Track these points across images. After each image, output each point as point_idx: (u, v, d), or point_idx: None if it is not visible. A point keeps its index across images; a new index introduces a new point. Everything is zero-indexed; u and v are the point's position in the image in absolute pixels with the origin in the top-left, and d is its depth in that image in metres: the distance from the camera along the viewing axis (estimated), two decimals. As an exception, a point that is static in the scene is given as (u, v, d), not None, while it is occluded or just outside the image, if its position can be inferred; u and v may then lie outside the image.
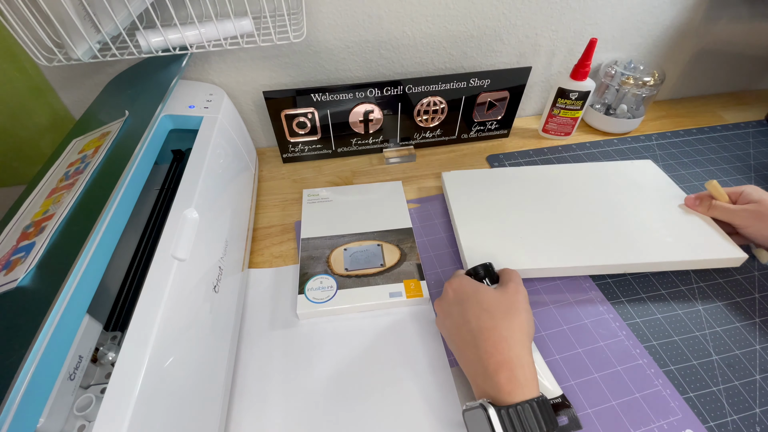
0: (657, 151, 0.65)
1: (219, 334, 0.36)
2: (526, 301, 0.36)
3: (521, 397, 0.30)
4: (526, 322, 0.34)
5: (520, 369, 0.31)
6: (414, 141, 0.65)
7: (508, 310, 0.34)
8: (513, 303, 0.35)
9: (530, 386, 0.30)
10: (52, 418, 0.25)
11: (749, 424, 0.35)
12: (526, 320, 0.34)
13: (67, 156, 0.40)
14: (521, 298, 0.36)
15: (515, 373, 0.31)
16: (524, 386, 0.30)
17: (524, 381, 0.30)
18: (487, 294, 0.36)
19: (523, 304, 0.35)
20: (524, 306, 0.35)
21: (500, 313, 0.34)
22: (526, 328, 0.34)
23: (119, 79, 0.52)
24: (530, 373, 0.31)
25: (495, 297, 0.36)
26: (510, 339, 0.32)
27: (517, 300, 0.35)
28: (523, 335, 0.33)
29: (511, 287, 0.37)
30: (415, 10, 0.56)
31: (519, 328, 0.33)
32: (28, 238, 0.30)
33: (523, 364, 0.31)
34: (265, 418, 0.36)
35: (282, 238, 0.52)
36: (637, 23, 0.64)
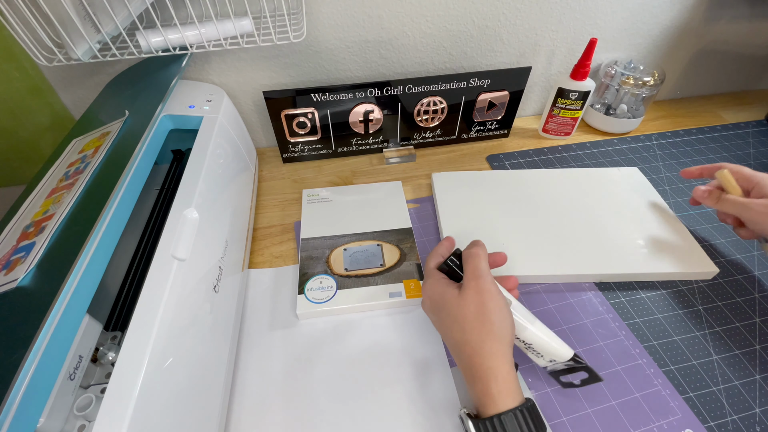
0: (657, 151, 0.65)
1: (219, 334, 0.36)
2: (494, 298, 0.33)
3: (497, 409, 0.29)
4: (497, 326, 0.32)
5: (493, 381, 0.30)
6: (414, 141, 0.65)
7: (476, 317, 0.32)
8: (479, 308, 0.32)
9: (508, 396, 0.30)
10: (52, 418, 0.25)
11: (749, 424, 0.35)
12: (497, 323, 0.32)
13: (67, 156, 0.40)
14: (487, 298, 0.32)
15: (489, 386, 0.30)
16: (497, 398, 0.29)
17: (497, 393, 0.30)
18: (452, 302, 0.34)
19: (490, 304, 0.32)
20: (493, 305, 0.32)
21: (468, 323, 0.32)
22: (497, 333, 0.31)
23: (119, 79, 0.52)
24: (506, 384, 0.30)
25: (460, 304, 0.33)
26: (481, 351, 0.31)
27: (481, 303, 0.32)
28: (495, 342, 0.31)
29: (471, 288, 0.33)
30: (415, 10, 0.56)
31: (490, 336, 0.31)
32: (28, 237, 0.30)
33: (497, 375, 0.30)
34: (265, 418, 0.36)
35: (282, 238, 0.52)
36: (637, 23, 0.64)
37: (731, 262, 0.48)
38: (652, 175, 0.60)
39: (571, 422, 0.35)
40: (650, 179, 0.58)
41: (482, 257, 0.35)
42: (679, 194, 0.57)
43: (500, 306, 0.33)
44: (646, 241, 0.48)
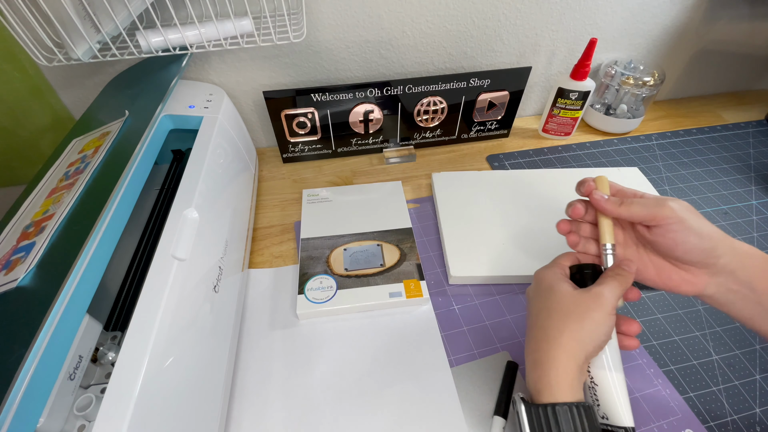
0: (657, 151, 0.65)
1: (219, 334, 0.36)
2: (602, 311, 0.30)
3: (553, 398, 0.28)
4: (586, 335, 0.29)
5: (554, 371, 0.29)
6: (414, 141, 0.65)
7: (570, 313, 0.30)
8: (583, 313, 0.30)
9: (566, 390, 0.28)
10: (52, 417, 0.25)
11: (749, 424, 0.35)
12: (587, 332, 0.29)
13: (67, 156, 0.40)
14: (598, 311, 0.30)
15: (548, 373, 0.29)
16: (554, 387, 0.28)
17: (555, 383, 0.28)
18: (560, 293, 0.32)
19: (594, 313, 0.30)
20: (595, 316, 0.30)
21: (559, 314, 0.31)
22: (581, 338, 0.29)
23: (119, 79, 0.52)
24: (566, 378, 0.29)
25: (566, 297, 0.31)
26: (556, 341, 0.30)
27: (589, 307, 0.30)
28: (574, 342, 0.29)
29: (593, 292, 0.31)
30: (415, 10, 0.56)
31: (572, 336, 0.29)
32: (28, 237, 0.30)
33: (558, 366, 0.29)
34: (265, 418, 0.36)
35: (282, 238, 0.52)
36: (637, 23, 0.64)
37: (731, 262, 0.48)
38: (652, 175, 0.60)
39: (571, 422, 0.35)
40: (650, 179, 0.58)
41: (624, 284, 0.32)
42: (679, 194, 0.57)
43: (604, 323, 0.30)
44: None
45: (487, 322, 0.43)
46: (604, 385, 0.31)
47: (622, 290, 0.31)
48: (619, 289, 0.31)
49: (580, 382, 0.29)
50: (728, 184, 0.59)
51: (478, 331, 0.42)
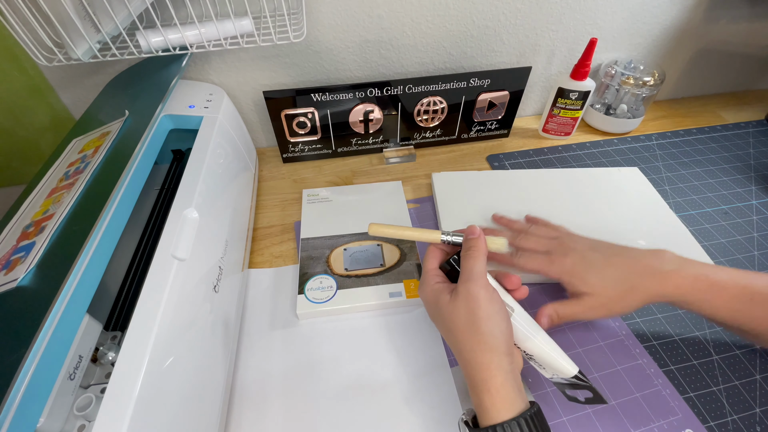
0: (657, 151, 0.65)
1: (219, 334, 0.36)
2: (484, 305, 0.30)
3: (491, 420, 0.28)
4: (488, 336, 0.30)
5: (486, 394, 0.29)
6: (414, 141, 0.65)
7: (466, 326, 0.30)
8: (469, 316, 0.30)
9: (502, 408, 0.28)
10: (52, 417, 0.25)
11: (749, 424, 0.35)
12: (488, 333, 0.30)
13: (67, 156, 0.40)
14: (476, 305, 0.30)
15: (481, 398, 0.29)
16: (491, 410, 0.28)
17: (490, 406, 0.28)
18: (444, 309, 0.32)
19: (480, 312, 0.30)
20: (483, 313, 0.30)
21: (460, 333, 0.31)
22: (489, 342, 0.29)
23: (119, 79, 0.52)
24: (500, 395, 0.28)
25: (451, 311, 0.31)
26: (473, 362, 0.30)
27: (471, 310, 0.30)
28: (487, 353, 0.29)
29: (461, 293, 0.31)
30: (415, 10, 0.56)
31: (481, 347, 0.30)
32: (28, 237, 0.30)
33: (489, 387, 0.29)
34: (265, 418, 0.36)
35: (282, 238, 0.52)
36: (637, 23, 0.64)
37: (731, 262, 0.48)
38: (652, 175, 0.60)
39: (572, 422, 0.35)
40: (650, 179, 0.58)
41: (479, 256, 0.33)
42: (679, 194, 0.57)
43: (491, 313, 0.30)
44: (646, 241, 0.48)
45: (487, 322, 0.43)
46: (536, 352, 0.33)
47: (480, 263, 0.32)
48: (477, 265, 0.32)
49: (515, 390, 0.29)
50: (728, 184, 0.59)
51: (478, 331, 0.42)
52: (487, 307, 0.30)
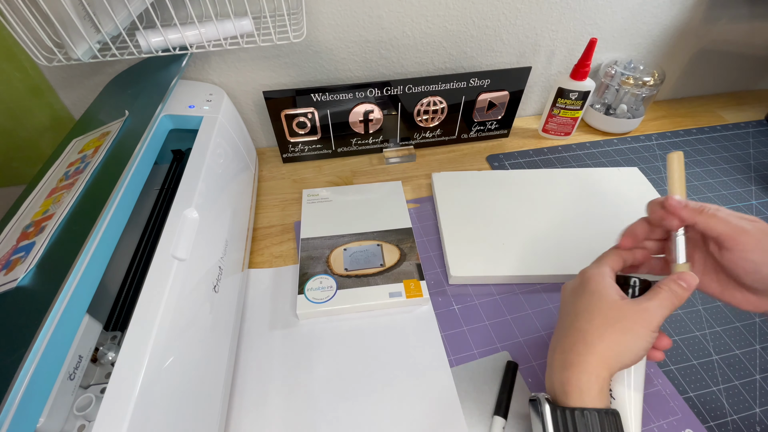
0: (657, 151, 0.65)
1: (219, 334, 0.36)
2: (648, 327, 0.29)
3: (582, 401, 0.27)
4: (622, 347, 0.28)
5: (585, 374, 0.28)
6: (414, 141, 0.65)
7: (614, 321, 0.29)
8: (627, 320, 0.29)
9: (594, 394, 0.27)
10: (52, 417, 0.25)
11: (749, 424, 0.35)
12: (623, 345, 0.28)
13: (67, 156, 0.40)
14: (643, 321, 0.29)
15: (580, 377, 0.28)
16: (584, 391, 0.27)
17: (587, 388, 0.28)
18: (606, 299, 0.30)
19: (639, 328, 0.29)
20: (639, 331, 0.29)
21: (601, 320, 0.29)
22: (615, 349, 0.28)
23: (119, 79, 0.52)
24: (597, 382, 0.28)
25: (612, 304, 0.30)
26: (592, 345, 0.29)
27: (635, 321, 0.29)
28: (609, 352, 0.28)
29: (643, 306, 0.29)
30: (415, 10, 0.56)
31: (610, 345, 0.28)
32: (28, 237, 0.30)
33: (590, 371, 0.28)
34: (265, 418, 0.36)
35: (282, 238, 0.52)
36: (637, 23, 0.64)
37: (731, 262, 0.48)
38: (652, 175, 0.60)
39: (571, 422, 0.35)
40: (650, 179, 0.58)
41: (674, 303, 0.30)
42: (679, 194, 0.57)
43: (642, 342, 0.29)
44: (646, 241, 0.48)
45: (487, 322, 0.43)
46: (621, 402, 0.31)
47: (673, 308, 0.29)
48: (670, 307, 0.29)
49: (606, 390, 0.28)
50: (728, 184, 0.59)
51: (478, 331, 0.42)
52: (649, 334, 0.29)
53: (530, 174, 0.58)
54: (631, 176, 0.58)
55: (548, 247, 0.48)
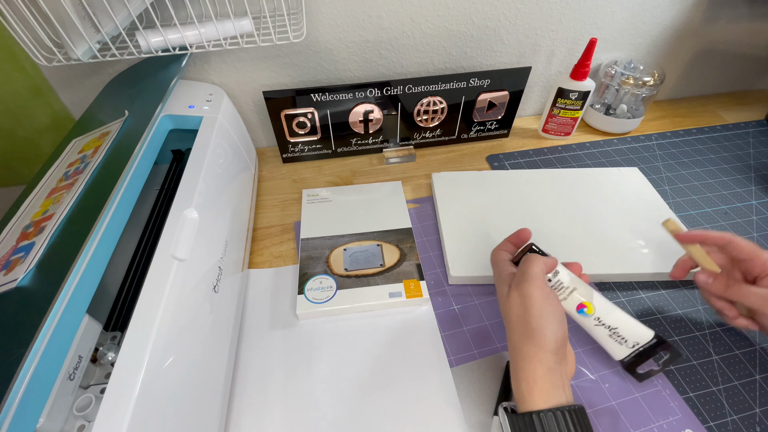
0: (657, 151, 0.65)
1: (219, 334, 0.36)
2: (537, 303, 0.31)
3: (527, 408, 0.29)
4: (537, 332, 0.31)
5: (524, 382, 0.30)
6: (414, 141, 0.65)
7: (518, 320, 0.32)
8: (521, 312, 0.32)
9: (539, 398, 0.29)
10: (52, 418, 0.25)
11: (749, 424, 0.35)
12: (537, 329, 0.31)
13: (66, 156, 0.40)
14: (530, 303, 0.32)
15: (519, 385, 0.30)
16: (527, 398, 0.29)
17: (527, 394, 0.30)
18: (501, 301, 0.35)
19: (533, 310, 0.31)
20: (536, 311, 0.31)
21: (512, 324, 0.33)
22: (537, 338, 0.31)
23: (119, 79, 0.52)
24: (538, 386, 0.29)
25: (506, 304, 0.34)
26: (519, 352, 0.31)
27: (525, 307, 0.32)
28: (533, 347, 0.30)
29: (515, 291, 0.33)
30: (415, 10, 0.56)
31: (528, 341, 0.31)
32: (27, 238, 0.30)
33: (527, 377, 0.30)
34: (265, 418, 0.36)
35: (282, 238, 0.52)
36: (637, 23, 0.64)
37: (731, 262, 0.48)
38: (652, 175, 0.60)
39: (571, 422, 0.35)
40: (650, 179, 0.58)
41: (537, 259, 0.34)
42: (679, 194, 0.57)
43: (544, 313, 0.31)
44: (646, 241, 0.48)
45: (487, 322, 0.43)
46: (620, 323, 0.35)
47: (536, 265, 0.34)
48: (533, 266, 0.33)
49: (554, 385, 0.30)
50: (728, 184, 0.59)
51: (478, 331, 0.42)
52: (541, 306, 0.32)
53: (530, 174, 0.58)
54: (631, 176, 0.58)
55: (548, 247, 0.48)
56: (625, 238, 0.48)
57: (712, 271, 0.38)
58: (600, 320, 0.35)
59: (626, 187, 0.56)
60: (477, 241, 0.48)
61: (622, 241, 0.48)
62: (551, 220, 0.51)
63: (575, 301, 0.35)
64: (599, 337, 0.36)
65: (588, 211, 0.52)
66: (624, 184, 0.56)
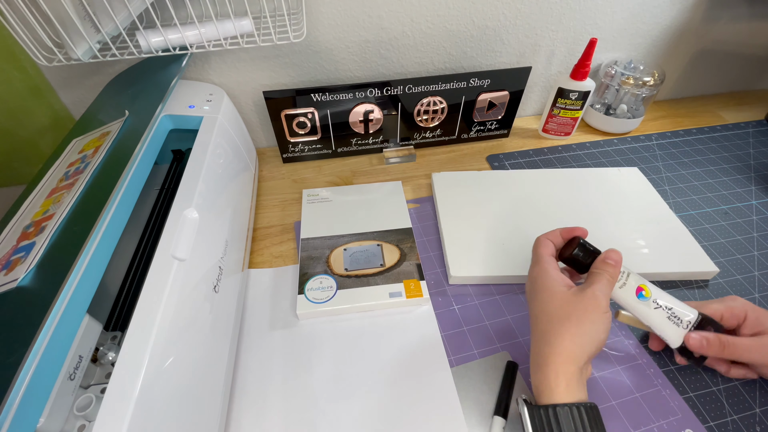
0: (657, 151, 0.65)
1: (219, 334, 0.36)
2: (598, 311, 0.31)
3: (552, 399, 0.29)
4: (586, 338, 0.31)
5: (553, 374, 0.30)
6: (414, 141, 0.65)
7: (568, 316, 0.31)
8: (578, 311, 0.31)
9: (566, 392, 0.29)
10: (52, 418, 0.25)
11: (749, 424, 0.35)
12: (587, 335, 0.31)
13: (67, 156, 0.40)
14: (592, 307, 0.31)
15: (549, 376, 0.30)
16: (555, 389, 0.29)
17: (555, 385, 0.30)
18: (555, 296, 0.33)
19: (591, 314, 0.31)
20: (592, 317, 0.31)
21: (556, 318, 0.32)
22: (580, 341, 0.30)
23: (119, 79, 0.52)
24: (566, 380, 0.30)
25: (562, 299, 0.33)
26: (555, 346, 0.31)
27: (585, 309, 0.31)
28: (575, 346, 0.30)
29: (587, 293, 0.32)
30: (415, 10, 0.56)
31: (572, 340, 0.31)
32: (28, 237, 0.30)
33: (558, 371, 0.30)
34: (265, 418, 0.36)
35: (282, 238, 0.52)
36: (637, 23, 0.64)
37: (731, 262, 0.48)
38: (652, 175, 0.60)
39: (571, 422, 0.35)
40: (650, 179, 0.58)
41: (612, 281, 0.34)
42: (679, 194, 0.57)
43: (599, 326, 0.31)
44: (646, 241, 0.48)
45: (487, 322, 0.43)
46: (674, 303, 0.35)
47: (611, 286, 0.34)
48: (609, 286, 0.33)
49: (580, 383, 0.30)
50: (728, 184, 0.59)
51: (478, 331, 0.42)
52: (602, 317, 0.31)
53: (530, 174, 0.58)
54: (631, 176, 0.58)
55: (548, 247, 0.48)
56: (625, 238, 0.48)
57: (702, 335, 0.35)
58: (657, 302, 0.34)
59: (626, 187, 0.56)
60: (477, 241, 0.48)
61: (621, 241, 0.48)
62: (551, 220, 0.51)
63: (633, 286, 0.34)
64: (658, 323, 0.35)
65: (588, 211, 0.52)
66: (624, 184, 0.56)
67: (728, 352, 0.34)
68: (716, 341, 0.34)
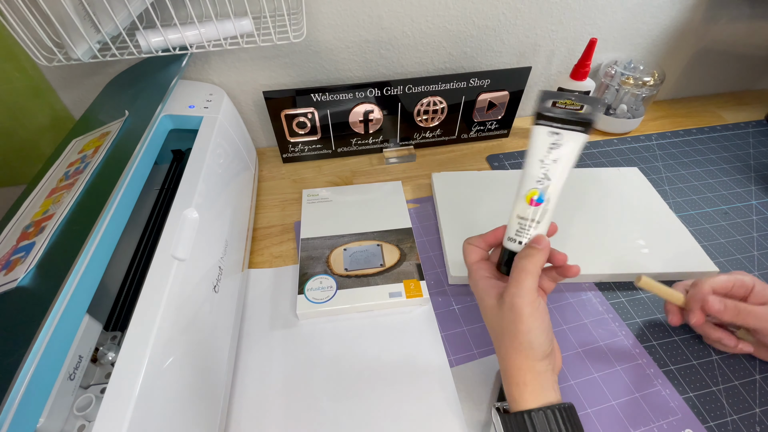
0: (657, 151, 0.65)
1: (219, 334, 0.36)
2: (528, 319, 0.30)
3: (518, 408, 0.30)
4: (526, 346, 0.30)
5: (515, 386, 0.30)
6: (414, 141, 0.65)
7: (507, 332, 0.31)
8: (511, 326, 0.31)
9: (530, 398, 0.30)
10: (52, 418, 0.25)
11: (749, 424, 0.35)
12: (526, 344, 0.30)
13: (67, 156, 0.40)
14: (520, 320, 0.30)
15: (511, 389, 0.31)
16: (519, 400, 0.30)
17: (519, 396, 0.30)
18: (489, 312, 0.33)
19: (523, 325, 0.30)
20: (525, 327, 0.30)
21: (499, 335, 0.32)
22: (527, 351, 0.30)
23: (119, 79, 0.52)
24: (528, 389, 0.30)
25: (493, 316, 0.32)
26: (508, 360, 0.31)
27: (513, 322, 0.30)
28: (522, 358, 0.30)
29: (507, 305, 0.31)
30: (415, 10, 0.56)
31: (519, 354, 0.30)
32: (28, 237, 0.30)
33: (518, 382, 0.30)
34: (265, 418, 0.36)
35: (282, 238, 0.52)
36: (637, 23, 0.64)
37: (731, 262, 0.48)
38: (652, 175, 0.60)
39: (571, 422, 0.35)
40: (650, 179, 0.58)
41: (533, 270, 0.31)
42: (679, 194, 0.57)
43: (532, 327, 0.30)
44: (646, 241, 0.48)
45: (487, 322, 0.43)
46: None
47: (533, 275, 0.31)
48: (528, 280, 0.31)
49: (547, 383, 0.30)
50: (728, 184, 0.59)
51: (478, 331, 0.42)
52: (529, 321, 0.30)
53: None
54: (631, 176, 0.58)
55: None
56: (625, 238, 0.48)
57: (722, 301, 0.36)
58: None
59: (626, 187, 0.56)
60: None
61: (621, 241, 0.48)
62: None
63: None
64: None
65: (588, 211, 0.52)
66: (624, 184, 0.56)
67: (742, 318, 0.36)
68: (733, 306, 0.36)
